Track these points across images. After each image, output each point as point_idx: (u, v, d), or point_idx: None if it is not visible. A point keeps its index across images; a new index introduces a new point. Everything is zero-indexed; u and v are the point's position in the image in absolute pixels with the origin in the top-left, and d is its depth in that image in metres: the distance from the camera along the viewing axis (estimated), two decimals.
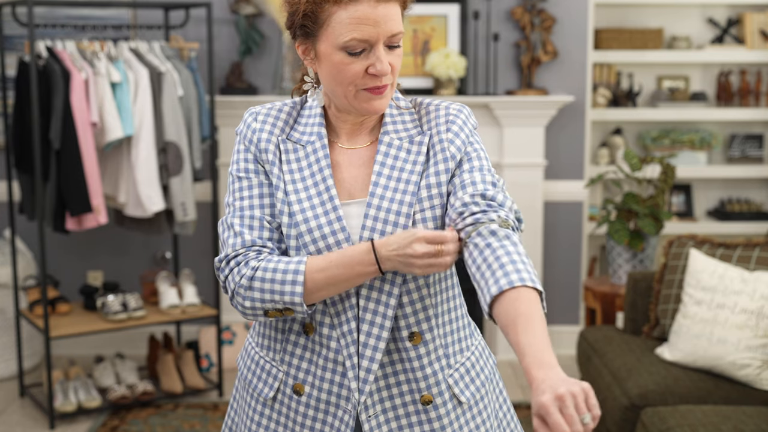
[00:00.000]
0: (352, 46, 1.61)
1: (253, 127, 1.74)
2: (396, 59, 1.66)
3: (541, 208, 4.73)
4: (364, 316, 1.68)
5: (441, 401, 1.72)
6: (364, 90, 1.65)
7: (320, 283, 1.63)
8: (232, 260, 1.68)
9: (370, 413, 1.71)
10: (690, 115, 4.89)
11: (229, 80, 4.62)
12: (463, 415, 1.75)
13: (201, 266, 4.74)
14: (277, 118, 1.75)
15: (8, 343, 4.50)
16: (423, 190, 1.68)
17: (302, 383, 1.74)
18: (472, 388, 1.76)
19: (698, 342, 3.22)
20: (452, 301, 1.77)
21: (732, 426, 2.81)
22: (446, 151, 1.69)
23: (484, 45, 4.68)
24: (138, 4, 4.15)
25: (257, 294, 1.65)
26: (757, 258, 3.38)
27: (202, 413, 4.10)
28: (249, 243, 1.68)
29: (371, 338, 1.68)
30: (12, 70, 4.55)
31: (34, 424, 4.01)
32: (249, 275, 1.65)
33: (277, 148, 1.72)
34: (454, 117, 1.72)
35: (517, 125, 4.64)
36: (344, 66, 1.63)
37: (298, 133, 1.74)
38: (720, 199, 5.15)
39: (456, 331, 1.77)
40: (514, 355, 4.78)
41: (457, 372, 1.75)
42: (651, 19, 5.00)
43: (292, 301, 1.64)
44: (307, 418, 1.74)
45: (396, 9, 1.64)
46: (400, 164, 1.70)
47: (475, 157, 1.71)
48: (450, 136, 1.70)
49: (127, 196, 4.09)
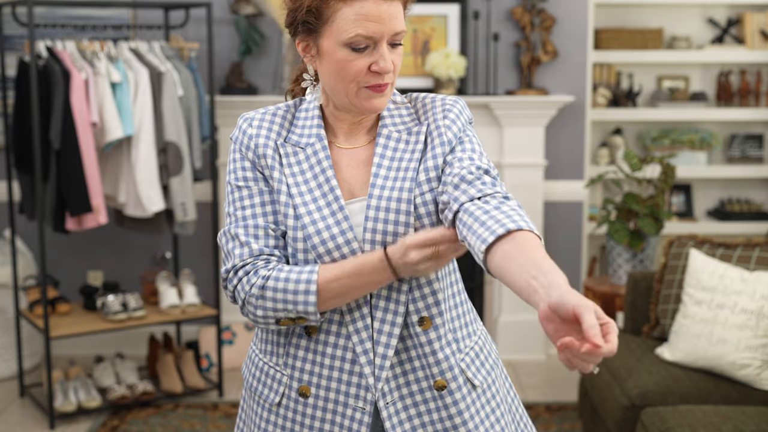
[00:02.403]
0: (356, 42, 1.61)
1: (249, 133, 1.72)
2: (397, 58, 1.67)
3: (541, 208, 4.73)
4: (378, 303, 1.69)
5: (456, 386, 1.73)
6: (366, 87, 1.66)
7: (334, 292, 1.64)
8: (240, 270, 1.67)
9: (387, 400, 1.71)
10: (690, 115, 4.89)
11: (229, 80, 4.62)
12: (479, 398, 1.76)
13: (201, 266, 4.74)
14: (272, 122, 1.73)
15: (8, 343, 4.50)
16: (421, 173, 1.68)
17: (308, 385, 1.73)
18: (483, 371, 1.78)
19: (698, 342, 3.22)
20: (455, 286, 1.79)
21: (732, 426, 2.81)
22: (443, 136, 1.70)
23: (484, 45, 4.68)
24: (138, 4, 4.15)
25: (269, 303, 1.65)
26: (757, 258, 3.38)
27: (202, 413, 4.10)
28: (257, 252, 1.68)
29: (386, 325, 1.69)
30: (12, 70, 4.55)
31: (34, 424, 4.01)
32: (260, 284, 1.65)
33: (276, 152, 1.71)
34: (450, 107, 1.73)
35: (517, 125, 4.64)
36: (347, 63, 1.63)
37: (296, 135, 1.73)
38: (720, 199, 5.15)
39: (462, 315, 1.78)
40: (513, 356, 4.78)
41: (468, 356, 1.76)
42: (651, 19, 5.00)
43: (306, 310, 1.64)
44: (315, 420, 1.73)
45: (399, 8, 1.65)
46: (399, 155, 1.71)
47: (467, 141, 1.72)
48: (447, 123, 1.71)
49: (127, 196, 4.09)
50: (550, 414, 4.07)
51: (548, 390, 4.39)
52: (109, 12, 4.65)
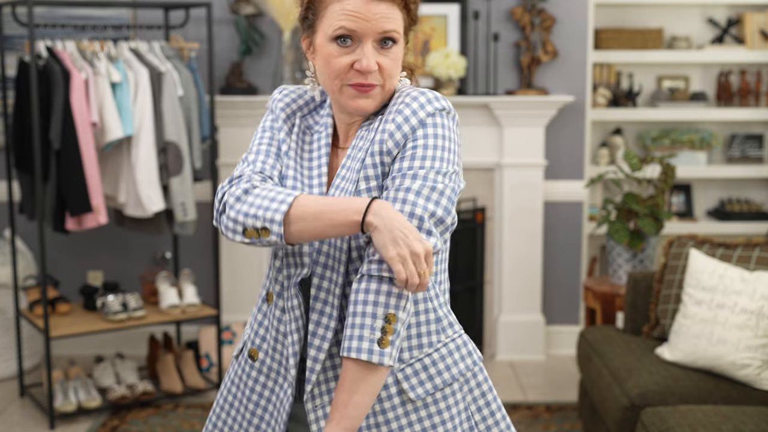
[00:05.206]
0: (340, 35, 1.63)
1: (280, 99, 1.79)
2: (387, 61, 1.65)
3: (541, 208, 4.73)
4: (314, 306, 1.68)
5: (386, 395, 1.68)
6: (349, 86, 1.65)
7: (304, 213, 1.59)
8: (236, 179, 1.70)
9: (316, 403, 1.69)
10: (690, 115, 4.89)
11: (229, 80, 4.62)
12: (415, 412, 1.69)
13: (201, 266, 4.74)
14: (301, 97, 1.79)
15: (8, 343, 4.50)
16: (368, 161, 1.66)
17: (257, 349, 1.78)
18: (428, 386, 1.70)
19: (698, 342, 3.22)
20: (420, 300, 1.70)
21: (732, 426, 2.81)
22: (384, 144, 1.64)
23: (484, 45, 4.68)
24: (138, 4, 4.15)
25: (245, 207, 1.64)
26: (757, 258, 3.38)
27: (202, 413, 4.10)
28: (258, 169, 1.71)
29: (320, 328, 1.67)
30: (12, 70, 4.55)
31: (34, 424, 4.01)
32: (245, 188, 1.66)
33: (294, 124, 1.77)
34: (404, 107, 1.65)
35: (517, 125, 4.64)
36: (332, 58, 1.64)
37: (313, 120, 1.78)
38: (720, 199, 5.15)
39: (416, 325, 1.69)
40: (513, 356, 4.78)
41: (411, 368, 1.69)
42: (651, 19, 5.00)
43: (273, 218, 1.59)
44: (257, 384, 1.78)
45: (391, 9, 1.64)
46: (358, 154, 1.70)
47: (409, 158, 1.62)
48: (391, 128, 1.64)
49: (127, 196, 4.09)
50: (550, 414, 4.07)
51: (548, 390, 4.39)
52: (109, 12, 4.65)
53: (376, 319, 1.57)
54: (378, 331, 1.56)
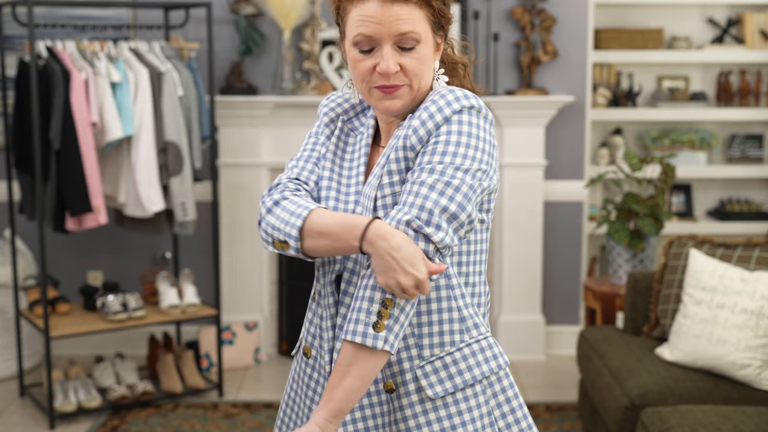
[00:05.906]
0: (359, 41, 1.66)
1: (325, 104, 1.85)
2: (410, 61, 1.66)
3: (541, 208, 4.73)
4: (344, 300, 1.71)
5: (404, 391, 1.69)
6: (375, 88, 1.68)
7: (315, 230, 1.64)
8: (274, 187, 1.76)
9: None
10: (690, 115, 4.89)
11: (229, 80, 4.62)
12: (434, 411, 1.69)
13: (201, 266, 4.74)
14: (346, 101, 1.84)
15: (8, 343, 4.50)
16: (385, 176, 1.68)
17: (310, 346, 1.81)
18: (447, 384, 1.69)
19: (698, 342, 3.22)
20: (442, 291, 1.70)
21: (732, 426, 2.81)
22: (408, 139, 1.66)
23: (484, 45, 4.68)
24: (138, 4, 4.15)
25: (272, 219, 1.70)
26: (757, 258, 3.38)
27: (202, 413, 4.10)
28: (294, 175, 1.77)
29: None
30: (12, 70, 4.55)
31: (34, 424, 4.01)
32: (276, 199, 1.72)
33: (336, 127, 1.82)
34: (431, 104, 1.66)
35: (517, 125, 4.64)
36: (357, 63, 1.68)
37: (359, 122, 1.82)
38: (720, 199, 5.15)
39: (438, 323, 1.70)
40: (513, 356, 4.78)
41: (431, 365, 1.69)
42: (651, 19, 5.00)
43: (289, 233, 1.66)
44: (311, 380, 1.81)
45: (409, 10, 1.64)
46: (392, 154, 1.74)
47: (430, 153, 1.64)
48: (415, 124, 1.66)
49: (127, 196, 4.09)
50: (550, 414, 4.07)
51: (548, 390, 4.39)
52: (109, 12, 4.65)
53: (373, 303, 1.60)
54: (374, 314, 1.59)
